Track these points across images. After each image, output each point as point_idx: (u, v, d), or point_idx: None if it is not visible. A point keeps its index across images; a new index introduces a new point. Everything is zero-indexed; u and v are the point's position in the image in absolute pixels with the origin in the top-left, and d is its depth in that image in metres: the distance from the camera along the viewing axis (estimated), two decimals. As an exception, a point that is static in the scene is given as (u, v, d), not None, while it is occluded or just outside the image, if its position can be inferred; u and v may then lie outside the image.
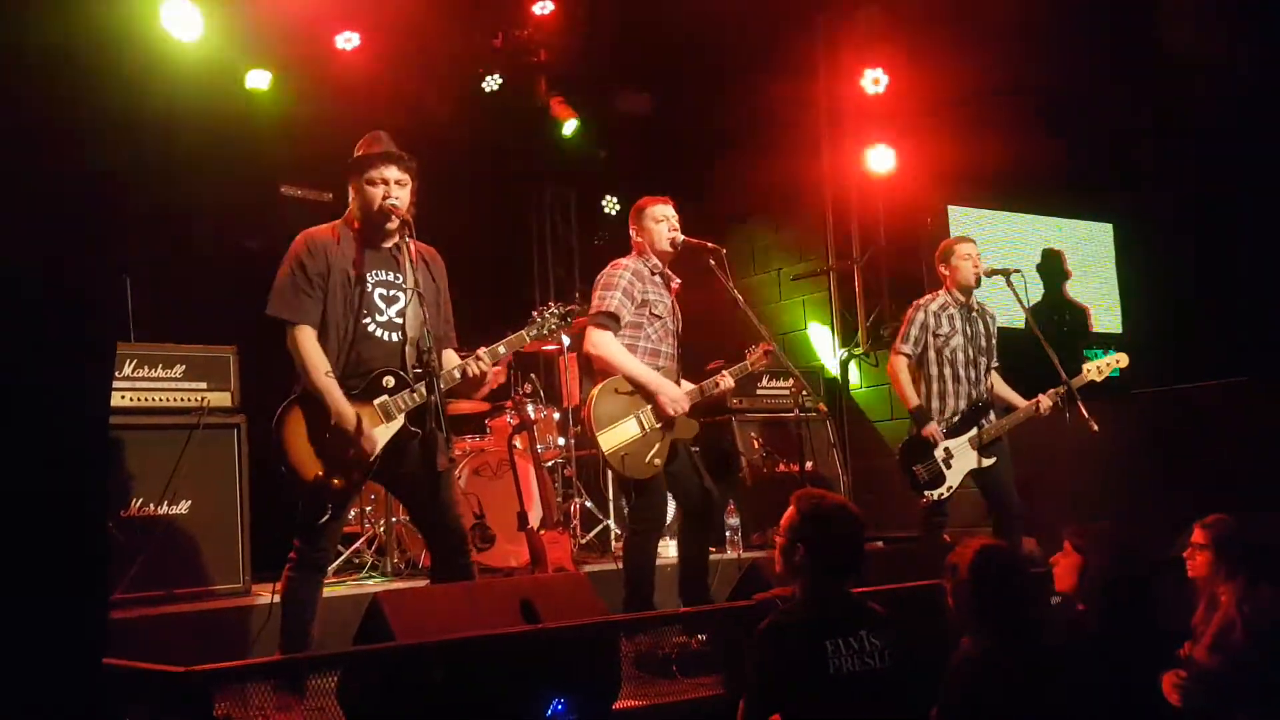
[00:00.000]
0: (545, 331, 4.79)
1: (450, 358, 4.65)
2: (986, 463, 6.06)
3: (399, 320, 4.49)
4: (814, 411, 7.42)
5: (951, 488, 6.09)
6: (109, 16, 3.10)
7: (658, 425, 5.19)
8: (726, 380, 5.35)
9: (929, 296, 6.35)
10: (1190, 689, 3.88)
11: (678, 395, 5.19)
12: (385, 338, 4.47)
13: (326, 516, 4.36)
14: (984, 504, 6.22)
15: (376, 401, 4.38)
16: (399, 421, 4.41)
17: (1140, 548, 3.79)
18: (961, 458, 6.09)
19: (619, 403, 5.16)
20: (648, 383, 5.18)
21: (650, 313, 5.26)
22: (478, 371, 4.51)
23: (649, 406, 5.20)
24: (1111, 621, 3.82)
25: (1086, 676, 3.53)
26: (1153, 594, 3.87)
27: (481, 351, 4.55)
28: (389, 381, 4.41)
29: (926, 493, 6.12)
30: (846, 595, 3.42)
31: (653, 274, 5.34)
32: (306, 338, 4.38)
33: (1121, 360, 6.27)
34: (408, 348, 4.47)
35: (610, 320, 5.18)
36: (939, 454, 6.08)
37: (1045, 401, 6.08)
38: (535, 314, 4.78)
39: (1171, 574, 4.37)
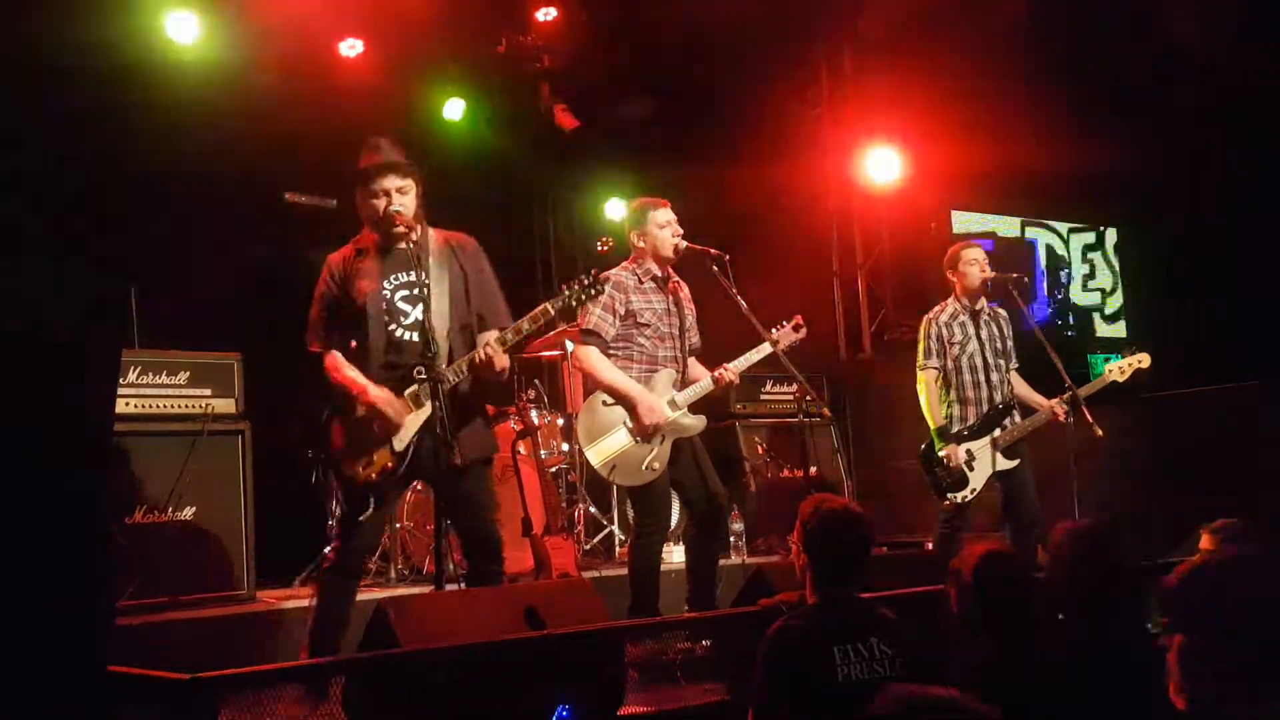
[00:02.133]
0: (573, 304, 4.65)
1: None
2: (1011, 464, 6.03)
3: (424, 318, 4.54)
4: (818, 416, 7.39)
5: (975, 490, 6.04)
6: (114, 25, 3.10)
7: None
8: (730, 373, 5.33)
9: (937, 308, 6.32)
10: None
11: (654, 404, 5.18)
12: (414, 339, 4.53)
13: (369, 510, 4.45)
14: (999, 509, 6.19)
15: (407, 391, 4.48)
16: (428, 409, 4.43)
17: (1105, 551, 3.74)
18: (984, 460, 6.06)
19: (605, 414, 5.20)
20: (626, 393, 5.19)
21: (637, 322, 5.27)
22: (483, 358, 4.48)
23: None
24: (1079, 626, 3.77)
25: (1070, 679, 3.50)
26: (1126, 596, 3.81)
27: (491, 337, 4.52)
28: (420, 373, 4.46)
29: (949, 496, 6.07)
30: (856, 601, 3.40)
31: (641, 281, 5.34)
32: (336, 360, 4.57)
33: (1144, 360, 6.13)
34: (440, 339, 4.52)
35: (590, 336, 5.23)
36: (961, 456, 6.05)
37: (1059, 409, 6.04)
38: (564, 286, 4.63)
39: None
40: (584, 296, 4.66)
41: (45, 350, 2.92)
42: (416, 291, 4.52)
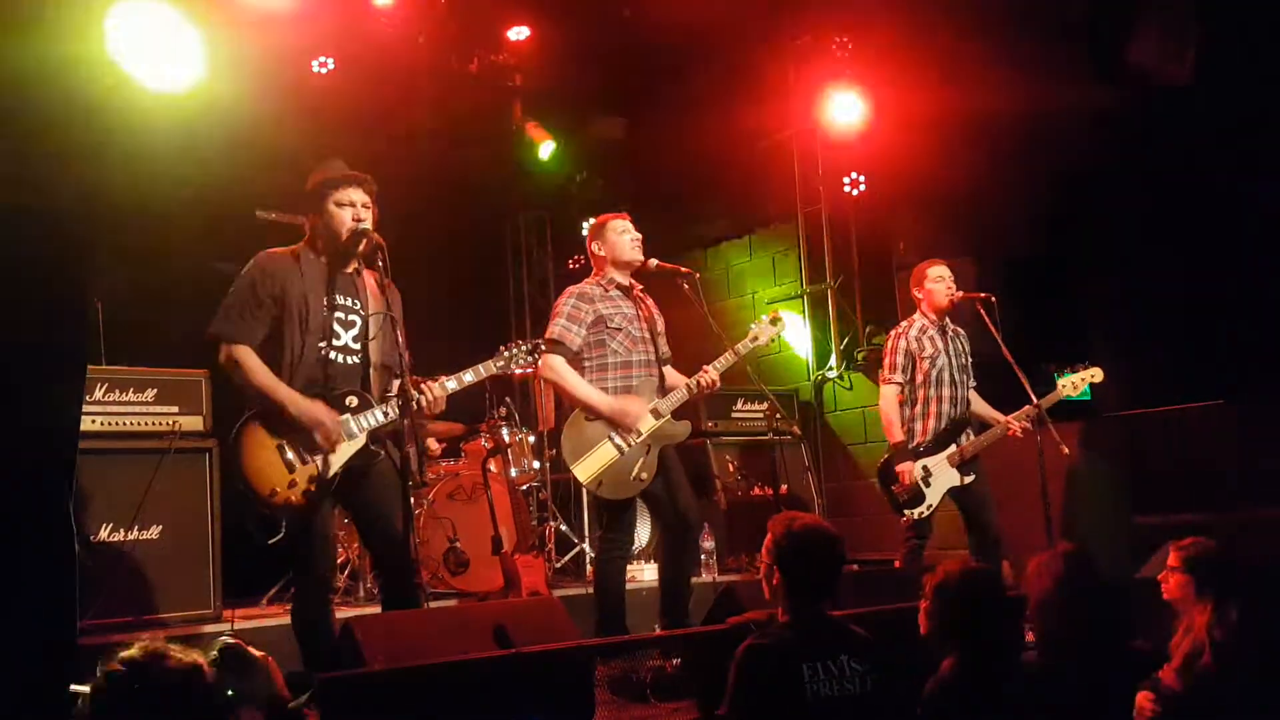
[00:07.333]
0: (512, 366, 4.79)
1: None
2: (966, 479, 6.08)
3: (356, 345, 4.49)
4: (788, 435, 7.42)
5: (932, 506, 6.09)
6: (74, 44, 3.10)
7: (639, 439, 5.19)
8: (711, 374, 5.31)
9: (906, 323, 6.38)
10: (1158, 712, 3.88)
11: (632, 410, 5.18)
12: (344, 361, 4.46)
13: (280, 535, 4.34)
14: (961, 525, 6.23)
15: (341, 418, 4.36)
16: (360, 440, 4.38)
17: (1086, 570, 3.77)
18: (940, 475, 6.10)
19: (590, 429, 5.20)
20: (593, 405, 5.19)
21: (607, 327, 5.29)
22: (432, 399, 4.45)
23: None
24: (1056, 644, 3.79)
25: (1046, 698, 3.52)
26: (1111, 614, 3.84)
27: (430, 383, 4.49)
28: (352, 401, 4.41)
29: (906, 511, 6.12)
30: (826, 618, 3.40)
31: (606, 290, 5.37)
32: (247, 355, 4.35)
33: (1096, 375, 6.21)
34: (372, 371, 4.49)
35: (557, 346, 5.24)
36: (917, 472, 6.09)
37: (1015, 424, 6.08)
38: (503, 348, 4.75)
39: (1147, 595, 4.38)
40: (524, 360, 4.78)
41: (13, 369, 2.90)
42: (351, 317, 4.48)
